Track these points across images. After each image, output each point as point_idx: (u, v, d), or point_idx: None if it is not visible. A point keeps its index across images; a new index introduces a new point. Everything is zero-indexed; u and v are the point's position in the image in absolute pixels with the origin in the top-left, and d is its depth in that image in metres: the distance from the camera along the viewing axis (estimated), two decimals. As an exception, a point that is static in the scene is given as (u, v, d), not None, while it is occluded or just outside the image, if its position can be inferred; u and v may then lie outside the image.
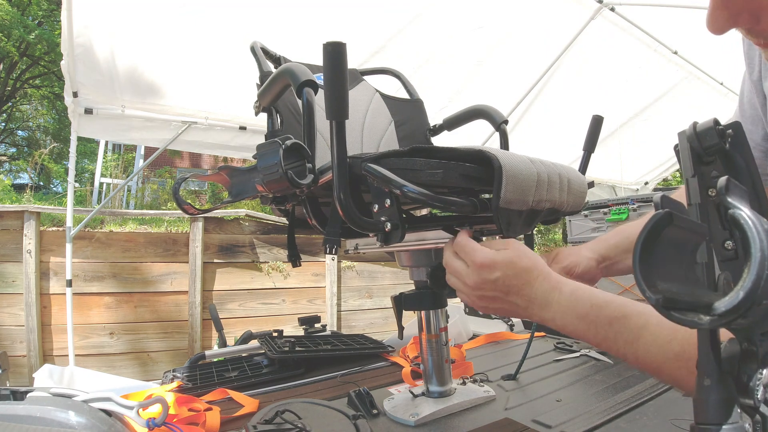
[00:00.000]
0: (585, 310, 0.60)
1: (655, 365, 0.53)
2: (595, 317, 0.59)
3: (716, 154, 0.31)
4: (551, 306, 0.62)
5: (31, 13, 10.91)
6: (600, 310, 0.59)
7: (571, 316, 0.61)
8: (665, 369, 0.52)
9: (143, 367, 3.43)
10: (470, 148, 0.68)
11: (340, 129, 0.64)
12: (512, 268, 0.64)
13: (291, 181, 0.70)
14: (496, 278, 0.65)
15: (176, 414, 0.93)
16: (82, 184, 9.29)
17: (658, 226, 0.24)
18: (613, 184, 4.80)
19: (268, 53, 1.20)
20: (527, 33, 3.01)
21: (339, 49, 0.62)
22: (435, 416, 0.98)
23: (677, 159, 0.34)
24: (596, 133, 1.05)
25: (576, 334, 0.61)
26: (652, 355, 0.53)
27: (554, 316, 0.62)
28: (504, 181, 0.65)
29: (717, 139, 0.31)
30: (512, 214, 0.69)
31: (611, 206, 2.44)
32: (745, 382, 0.28)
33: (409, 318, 1.26)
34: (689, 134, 0.32)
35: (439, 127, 1.39)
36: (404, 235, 0.68)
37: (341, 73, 0.63)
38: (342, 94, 0.63)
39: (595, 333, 0.59)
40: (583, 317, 0.60)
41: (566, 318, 0.61)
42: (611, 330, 0.57)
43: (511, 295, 0.65)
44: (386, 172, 0.65)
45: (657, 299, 0.23)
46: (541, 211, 0.75)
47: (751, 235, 0.21)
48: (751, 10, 0.41)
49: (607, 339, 0.58)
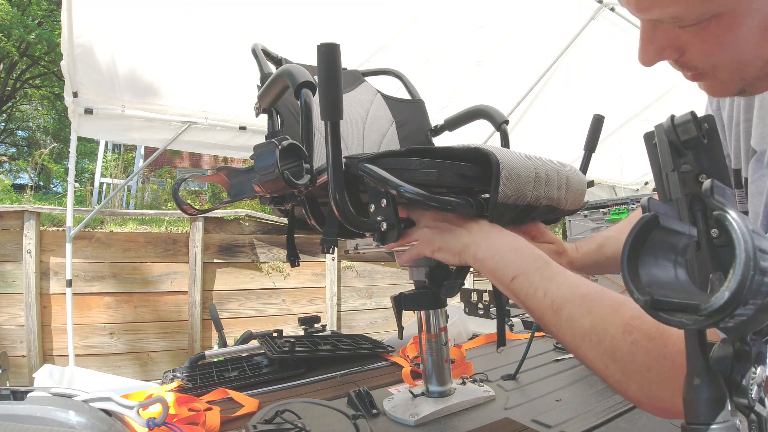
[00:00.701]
0: (518, 245, 0.61)
1: (558, 302, 0.53)
2: (523, 248, 0.60)
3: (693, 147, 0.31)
4: (493, 241, 0.63)
5: (31, 13, 10.92)
6: (532, 248, 0.60)
7: (503, 248, 0.61)
8: (566, 307, 0.52)
9: (143, 367, 3.44)
10: (467, 146, 0.68)
11: (335, 129, 0.65)
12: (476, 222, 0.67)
13: (287, 182, 0.71)
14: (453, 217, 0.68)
15: (176, 414, 0.93)
16: (82, 184, 9.30)
17: (645, 228, 0.24)
18: (613, 184, 4.80)
19: (269, 55, 1.20)
20: (527, 33, 3.01)
21: (333, 50, 0.63)
22: (435, 416, 0.98)
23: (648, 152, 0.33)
24: (597, 133, 1.05)
25: (499, 264, 0.60)
26: (560, 292, 0.53)
27: (488, 246, 0.63)
28: (502, 177, 0.65)
29: (696, 132, 0.31)
30: (507, 209, 0.69)
31: (611, 206, 2.44)
32: (739, 381, 0.28)
33: (409, 318, 1.27)
34: (667, 127, 0.32)
35: (440, 127, 1.39)
36: (401, 235, 0.69)
37: (335, 74, 0.63)
38: (336, 94, 0.63)
39: (518, 264, 0.58)
40: (513, 250, 0.61)
41: (494, 248, 0.62)
42: (533, 264, 0.57)
43: (458, 228, 0.67)
44: (382, 172, 0.66)
45: (645, 300, 0.23)
46: (538, 207, 0.75)
47: (735, 236, 0.21)
48: (675, 46, 0.46)
49: (526, 273, 0.57)
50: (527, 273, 0.57)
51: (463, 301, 2.05)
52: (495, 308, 0.93)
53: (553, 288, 0.54)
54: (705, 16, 0.41)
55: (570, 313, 0.51)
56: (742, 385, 0.28)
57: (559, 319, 0.52)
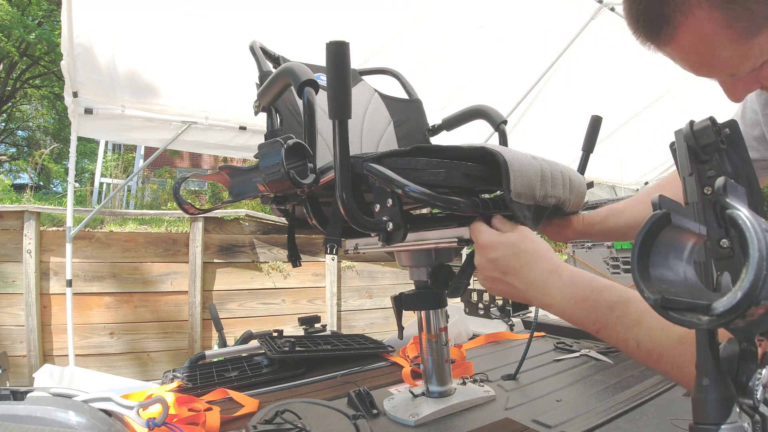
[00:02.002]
0: (584, 294, 0.58)
1: (657, 351, 0.52)
2: (594, 302, 0.57)
3: (713, 152, 0.31)
4: (549, 290, 0.61)
5: (31, 13, 10.91)
6: (600, 294, 0.57)
7: (570, 302, 0.59)
8: (667, 354, 0.51)
9: (143, 367, 3.43)
10: (473, 146, 0.68)
11: (343, 128, 0.65)
12: (511, 249, 0.64)
13: (293, 181, 0.70)
14: (495, 258, 0.65)
15: (176, 414, 0.93)
16: (82, 184, 9.29)
17: (656, 226, 0.24)
18: (613, 184, 4.80)
19: (267, 53, 1.20)
20: (527, 33, 3.01)
21: (342, 49, 0.62)
22: (435, 416, 0.98)
23: (673, 158, 0.34)
24: (595, 134, 1.05)
25: (574, 319, 0.59)
26: (654, 340, 0.52)
27: (552, 301, 0.61)
28: (512, 175, 0.65)
29: (714, 138, 0.31)
30: (522, 208, 0.69)
31: (611, 206, 2.44)
32: (745, 381, 0.28)
33: (409, 318, 1.27)
34: (686, 133, 0.32)
35: (438, 127, 1.39)
36: (406, 234, 0.68)
37: (344, 73, 0.63)
38: (345, 93, 0.63)
39: (594, 318, 0.57)
40: (582, 302, 0.58)
41: (565, 303, 0.60)
42: (612, 315, 0.55)
43: (510, 275, 0.65)
44: (388, 172, 0.65)
45: (655, 299, 0.23)
46: (548, 208, 0.75)
47: (749, 235, 0.21)
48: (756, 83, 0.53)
49: (607, 325, 0.56)
50: (608, 326, 0.56)
51: (463, 301, 2.05)
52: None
53: (643, 336, 0.52)
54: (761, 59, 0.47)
55: (674, 360, 0.50)
56: (748, 386, 0.28)
57: (664, 365, 0.52)
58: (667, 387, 1.08)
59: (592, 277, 0.61)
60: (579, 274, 0.61)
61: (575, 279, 0.61)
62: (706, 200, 0.29)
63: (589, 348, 1.45)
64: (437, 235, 0.85)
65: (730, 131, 0.31)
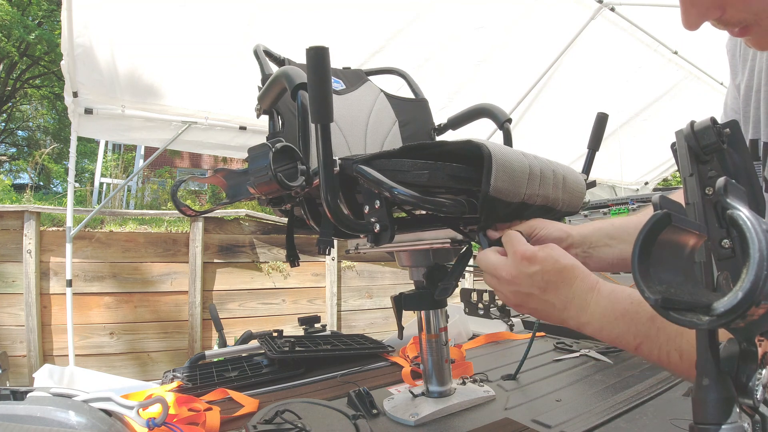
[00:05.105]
0: (624, 307, 0.56)
1: None
2: (634, 313, 0.55)
3: (714, 152, 0.31)
4: (589, 307, 0.59)
5: (31, 13, 10.91)
6: (640, 306, 0.55)
7: (609, 317, 0.57)
8: None
9: (143, 367, 3.43)
10: (459, 140, 0.68)
11: (325, 132, 0.65)
12: (553, 264, 0.61)
13: (281, 184, 0.71)
14: (534, 272, 0.61)
15: (176, 414, 0.93)
16: (82, 184, 9.29)
17: (656, 226, 0.24)
18: (613, 184, 4.80)
19: (272, 55, 1.20)
20: (528, 33, 3.01)
21: (322, 54, 0.63)
22: (435, 416, 0.98)
23: (674, 158, 0.34)
24: (601, 131, 1.04)
25: (613, 337, 0.57)
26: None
27: (591, 318, 0.59)
28: (494, 168, 0.64)
29: (715, 138, 0.31)
30: (499, 204, 0.67)
31: (611, 206, 2.44)
32: (745, 382, 0.28)
33: (409, 318, 1.27)
34: (687, 133, 0.32)
35: (444, 126, 1.39)
36: (393, 236, 0.68)
37: (325, 77, 0.63)
38: (326, 97, 0.63)
39: (635, 332, 0.54)
40: (622, 315, 0.56)
41: (604, 319, 0.57)
42: (653, 326, 0.53)
43: (549, 292, 0.61)
44: (376, 174, 0.65)
45: (656, 299, 0.23)
46: (532, 206, 0.74)
47: (750, 236, 0.21)
48: (717, 4, 0.47)
49: (648, 337, 0.53)
50: (649, 338, 0.53)
51: (463, 301, 2.05)
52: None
53: (686, 347, 0.50)
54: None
55: None
56: (748, 386, 0.28)
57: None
58: (667, 387, 1.08)
59: (631, 290, 0.58)
60: (618, 288, 0.59)
61: (615, 294, 0.58)
62: (707, 200, 0.29)
63: (589, 348, 1.45)
64: (435, 235, 0.86)
65: (731, 131, 0.31)
